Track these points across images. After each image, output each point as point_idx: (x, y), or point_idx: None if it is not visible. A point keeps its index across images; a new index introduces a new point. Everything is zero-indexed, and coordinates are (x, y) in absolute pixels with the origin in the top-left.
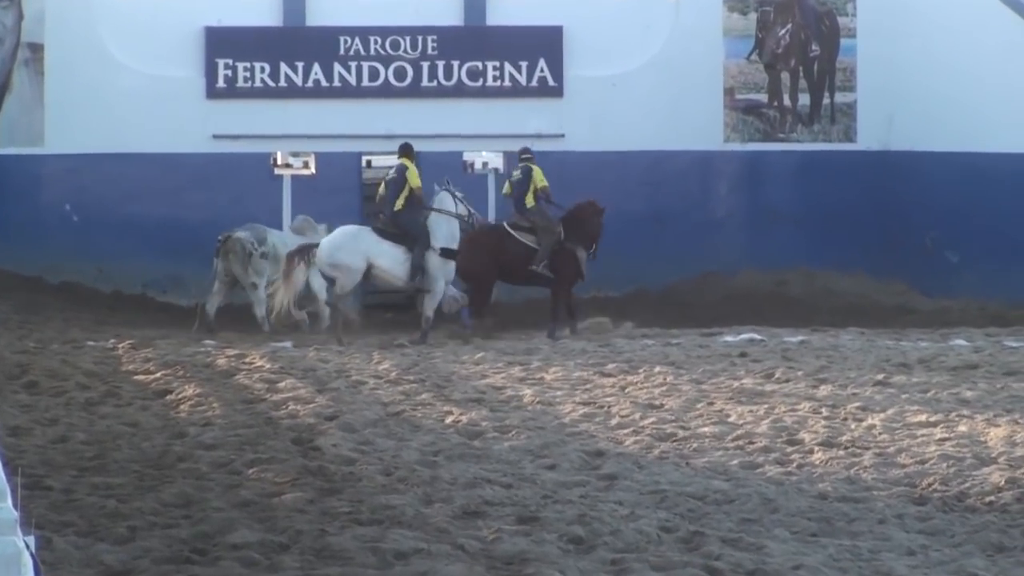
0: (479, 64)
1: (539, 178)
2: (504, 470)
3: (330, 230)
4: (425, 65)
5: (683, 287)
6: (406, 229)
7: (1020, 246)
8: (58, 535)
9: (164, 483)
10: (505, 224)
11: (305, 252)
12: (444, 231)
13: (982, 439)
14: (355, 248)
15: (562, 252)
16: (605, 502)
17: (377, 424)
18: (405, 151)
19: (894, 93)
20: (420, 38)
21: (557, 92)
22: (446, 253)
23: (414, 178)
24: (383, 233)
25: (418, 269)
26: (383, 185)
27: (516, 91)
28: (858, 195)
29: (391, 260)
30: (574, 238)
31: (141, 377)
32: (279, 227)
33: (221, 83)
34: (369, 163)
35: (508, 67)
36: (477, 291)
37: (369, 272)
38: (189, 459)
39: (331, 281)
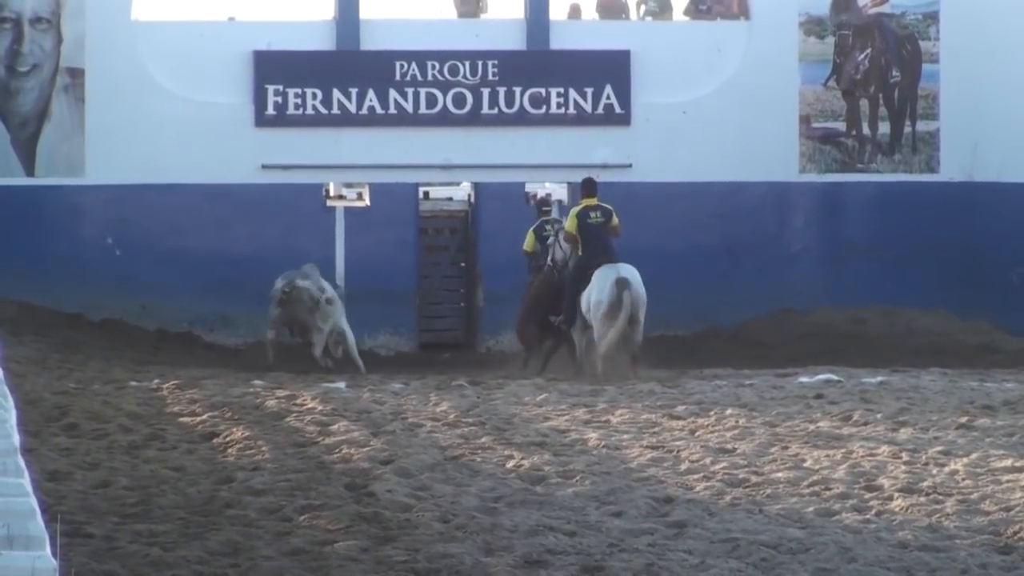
0: (542, 90)
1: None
2: (568, 517)
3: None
4: (485, 91)
5: (756, 325)
6: None
7: None
8: None
9: (211, 530)
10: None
11: None
12: None
13: None
14: None
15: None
16: (674, 551)
17: (435, 469)
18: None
19: (979, 121)
20: (480, 63)
21: (624, 120)
22: None
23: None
24: None
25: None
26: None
27: (581, 119)
28: (940, 228)
29: None
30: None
31: (187, 419)
32: (332, 261)
33: (271, 110)
34: (427, 194)
35: (572, 93)
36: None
37: None
38: (237, 505)
39: None
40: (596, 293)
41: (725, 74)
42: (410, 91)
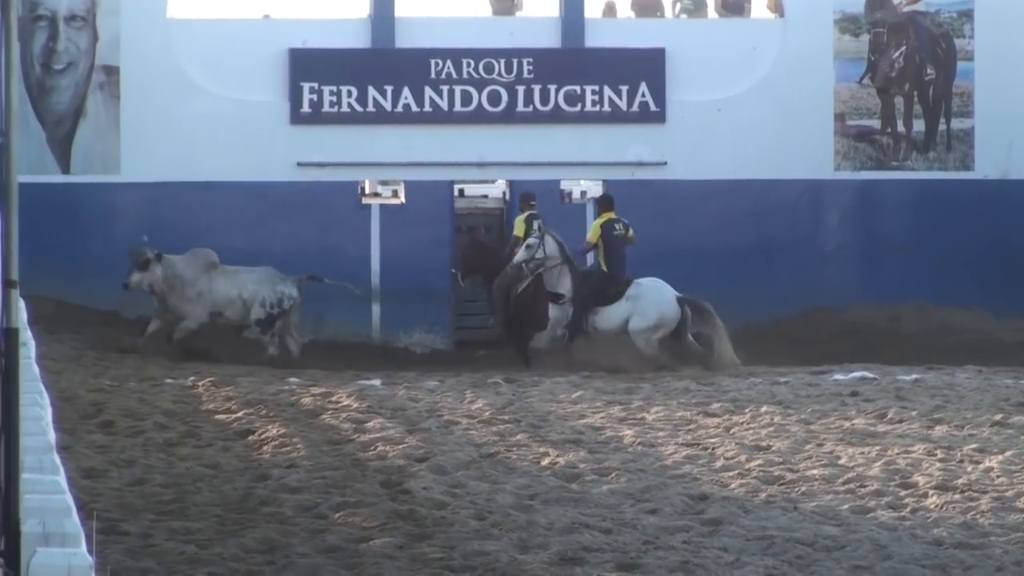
0: (577, 88)
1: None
2: (603, 514)
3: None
4: (520, 89)
5: (791, 323)
6: None
7: None
8: None
9: (246, 528)
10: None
11: None
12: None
13: None
14: None
15: None
16: (709, 548)
17: (470, 466)
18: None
19: (1014, 119)
20: (515, 61)
21: (659, 117)
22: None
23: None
24: None
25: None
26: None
27: (616, 116)
28: (975, 226)
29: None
30: None
31: (222, 416)
32: (367, 258)
33: (306, 108)
34: (462, 192)
35: (607, 91)
36: None
37: None
38: (273, 503)
39: None
40: (655, 312)
41: (760, 72)
42: (445, 89)
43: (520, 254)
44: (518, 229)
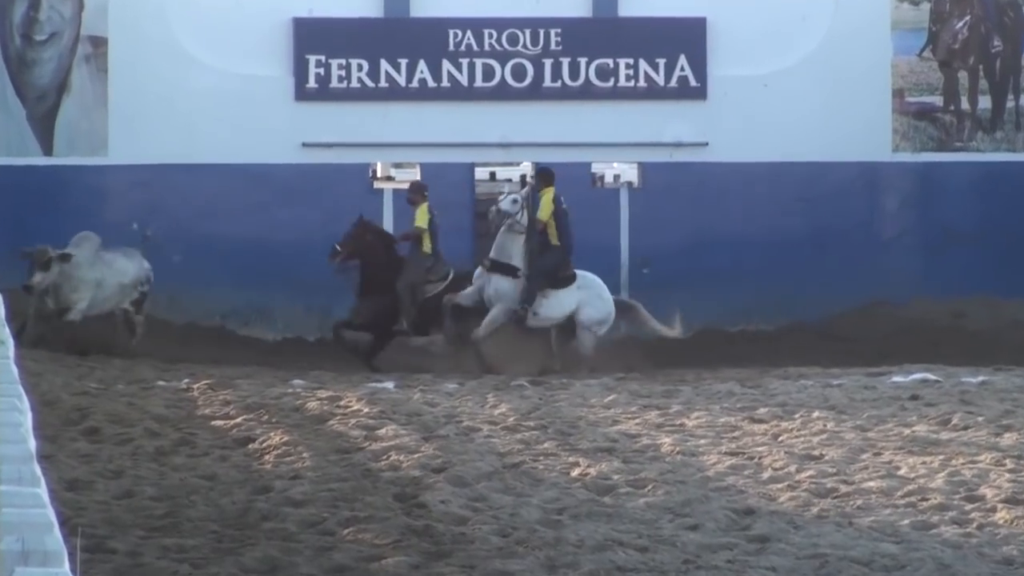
0: (610, 62)
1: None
2: (639, 531)
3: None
4: (547, 63)
5: (845, 319)
6: None
7: None
8: None
9: (246, 545)
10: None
11: None
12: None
13: None
14: None
15: None
16: (756, 568)
17: (492, 477)
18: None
19: None
20: (542, 32)
21: (700, 94)
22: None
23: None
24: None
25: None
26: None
27: (652, 93)
28: None
29: None
30: None
31: (219, 423)
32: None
33: (312, 83)
34: (493, 175)
35: (643, 65)
36: None
37: None
38: (275, 517)
39: None
40: (600, 309)
41: (811, 44)
42: (465, 62)
43: (507, 203)
44: (421, 219)
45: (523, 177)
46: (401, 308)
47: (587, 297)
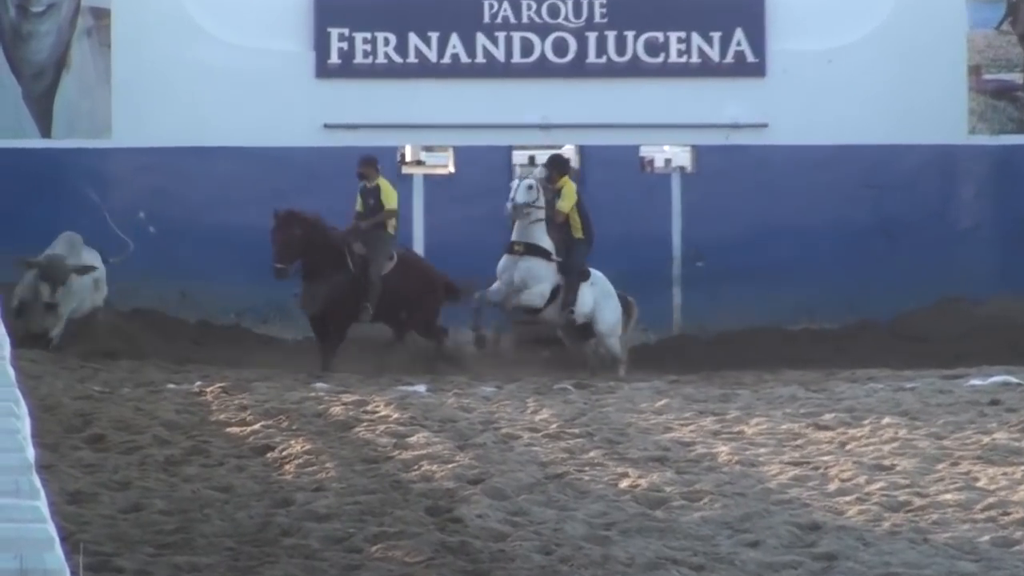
0: (660, 35)
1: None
2: (694, 548)
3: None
4: (591, 36)
5: (918, 317)
6: None
7: None
8: None
9: (264, 563)
10: None
11: None
12: None
13: None
14: None
15: None
16: None
17: (533, 489)
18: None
19: None
20: (585, 3)
21: (758, 71)
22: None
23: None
24: None
25: None
26: None
27: (706, 69)
28: None
29: None
30: None
31: (235, 429)
32: (409, 238)
33: (334, 59)
34: (532, 159)
35: (696, 39)
36: None
37: None
38: (296, 533)
39: None
40: (615, 310)
41: (879, 16)
42: (501, 36)
43: (521, 193)
44: (392, 200)
45: (531, 158)
46: (369, 294)
47: (600, 295)
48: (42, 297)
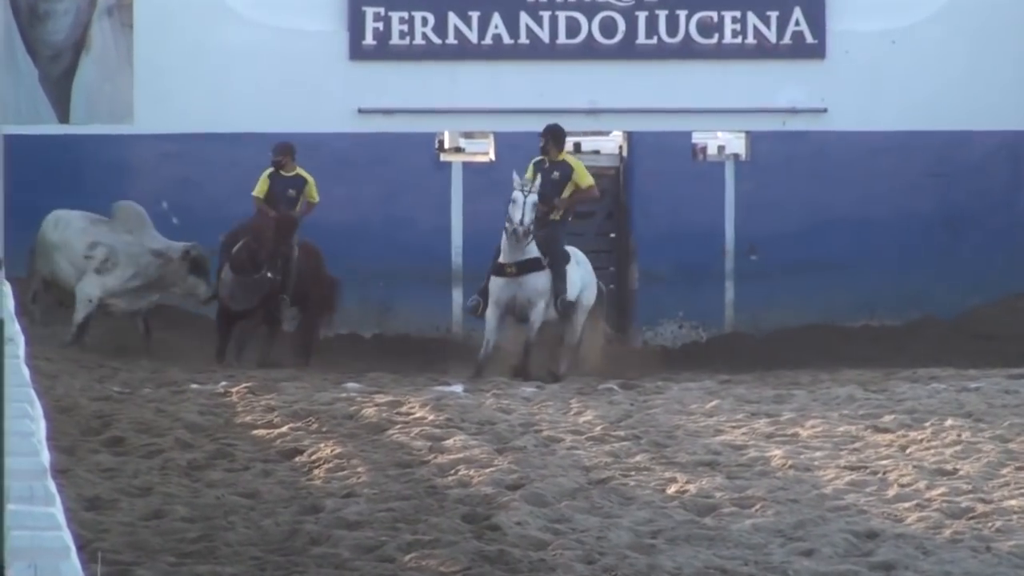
0: (713, 15)
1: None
2: (745, 556)
3: None
4: (641, 16)
5: (984, 313)
6: None
7: None
8: None
9: (292, 573)
10: None
11: None
12: (504, 241)
13: None
14: None
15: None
16: None
17: (576, 495)
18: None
19: None
20: None
21: (818, 52)
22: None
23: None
24: None
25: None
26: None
27: (763, 51)
28: None
29: None
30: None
31: (262, 432)
32: (447, 230)
33: (369, 40)
34: (578, 146)
35: (752, 19)
36: None
37: None
38: (325, 541)
39: None
40: (595, 289)
41: None
42: (546, 16)
43: (530, 214)
44: (316, 195)
45: (577, 145)
46: (287, 286)
47: (585, 273)
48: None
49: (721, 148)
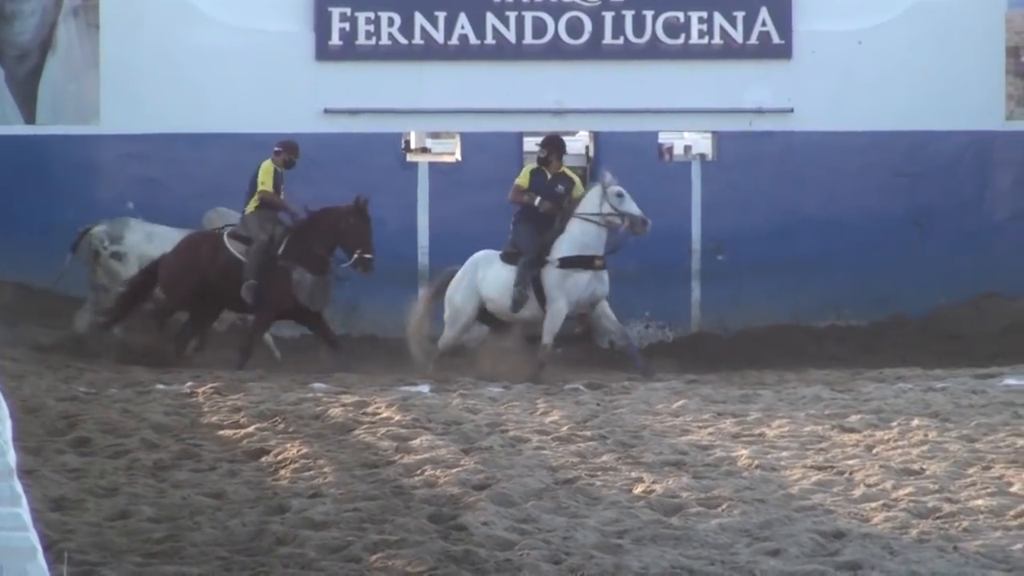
0: (680, 15)
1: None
2: (711, 556)
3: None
4: (608, 17)
5: (951, 313)
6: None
7: None
8: None
9: (258, 573)
10: (224, 232)
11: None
12: (575, 236)
13: None
14: (471, 282)
15: (273, 271)
16: None
17: (542, 495)
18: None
19: None
20: None
21: (784, 52)
22: (570, 262)
23: None
24: (507, 256)
25: (522, 294)
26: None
27: (729, 51)
28: None
29: (502, 288)
30: (293, 254)
31: (228, 432)
32: (413, 230)
33: (335, 40)
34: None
35: (718, 19)
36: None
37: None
38: (292, 541)
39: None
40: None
41: None
42: (512, 16)
43: (630, 202)
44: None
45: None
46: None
47: None
48: None
49: (688, 148)
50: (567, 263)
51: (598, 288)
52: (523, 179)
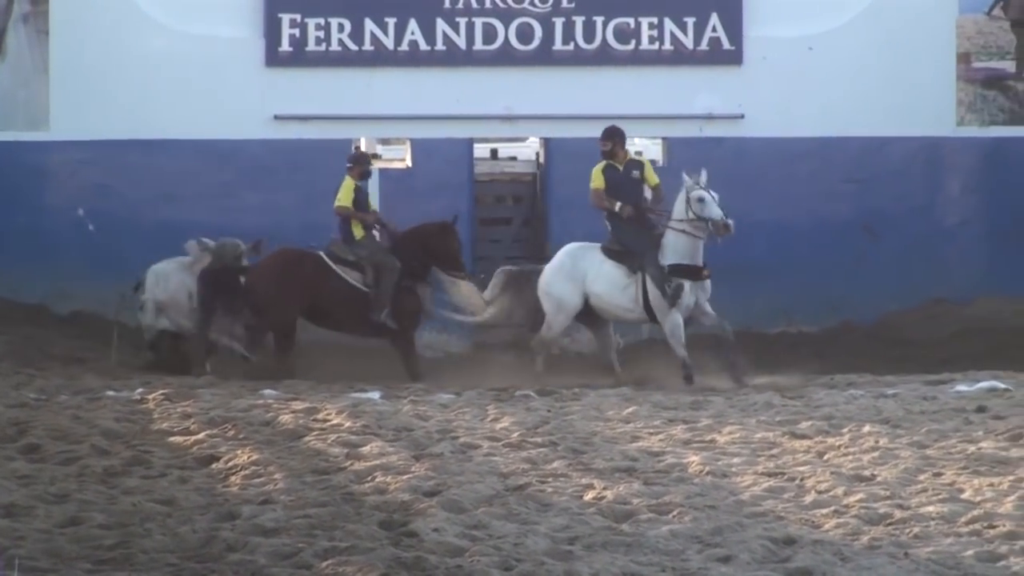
0: (630, 21)
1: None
2: (662, 563)
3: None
4: (558, 23)
5: (902, 320)
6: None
7: None
8: None
9: None
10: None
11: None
12: (673, 246)
13: None
14: (571, 274)
15: (400, 291)
16: None
17: (493, 502)
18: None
19: None
20: None
21: (734, 58)
22: (678, 271)
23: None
24: (611, 252)
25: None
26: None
27: (680, 57)
28: None
29: (609, 284)
30: (407, 271)
31: (178, 439)
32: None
33: (285, 46)
34: (495, 152)
35: (669, 25)
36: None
37: (588, 304)
38: (242, 548)
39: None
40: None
41: (863, 1)
42: (462, 22)
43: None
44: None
45: (493, 151)
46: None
47: None
48: None
49: (638, 154)
50: (674, 271)
51: (700, 295)
52: (597, 180)
